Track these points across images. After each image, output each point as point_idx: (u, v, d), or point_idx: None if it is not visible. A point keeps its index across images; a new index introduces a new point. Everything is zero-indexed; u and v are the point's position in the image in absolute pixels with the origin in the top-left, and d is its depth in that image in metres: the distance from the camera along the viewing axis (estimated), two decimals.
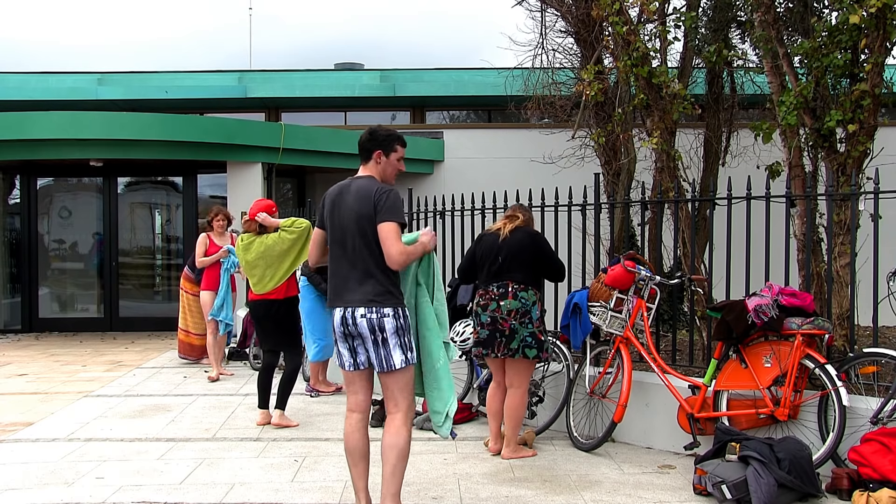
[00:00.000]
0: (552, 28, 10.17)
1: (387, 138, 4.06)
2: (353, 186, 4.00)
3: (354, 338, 3.91)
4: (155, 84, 17.10)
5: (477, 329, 5.31)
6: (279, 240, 6.15)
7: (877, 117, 5.81)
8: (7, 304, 13.03)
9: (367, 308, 3.85)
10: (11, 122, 11.02)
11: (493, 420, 5.44)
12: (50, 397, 7.45)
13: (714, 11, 8.55)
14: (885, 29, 5.52)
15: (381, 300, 3.87)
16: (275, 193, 12.43)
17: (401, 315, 3.90)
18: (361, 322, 3.85)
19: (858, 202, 5.28)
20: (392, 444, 3.88)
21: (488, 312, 5.22)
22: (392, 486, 3.89)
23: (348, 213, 3.94)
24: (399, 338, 3.87)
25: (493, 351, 5.22)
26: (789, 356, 4.70)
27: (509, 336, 5.15)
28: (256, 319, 6.45)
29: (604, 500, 4.45)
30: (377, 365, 3.90)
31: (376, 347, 3.87)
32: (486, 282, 5.31)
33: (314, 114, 17.45)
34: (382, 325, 3.84)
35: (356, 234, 3.91)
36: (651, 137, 6.85)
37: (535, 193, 6.67)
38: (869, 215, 5.03)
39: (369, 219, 3.87)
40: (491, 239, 5.35)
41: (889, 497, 4.05)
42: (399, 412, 3.93)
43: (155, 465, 5.19)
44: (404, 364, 3.89)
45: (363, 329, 3.86)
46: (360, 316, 3.86)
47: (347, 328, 3.90)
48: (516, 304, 5.17)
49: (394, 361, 3.86)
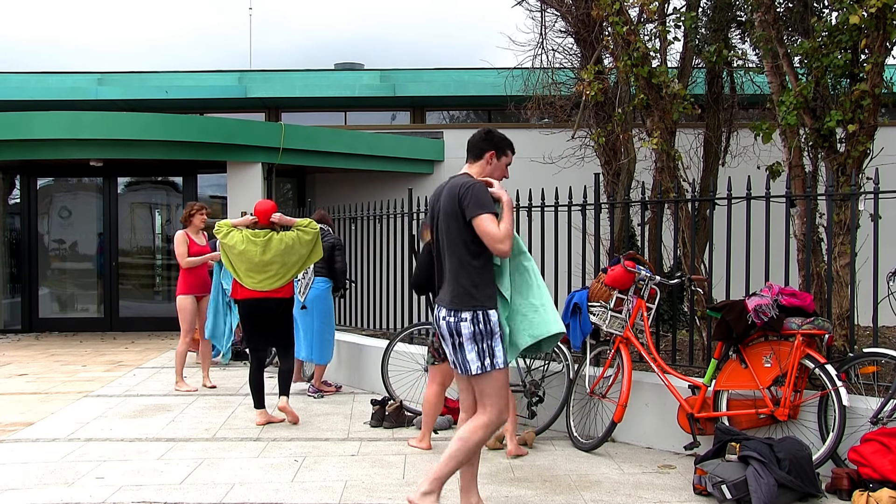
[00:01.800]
0: (552, 28, 10.18)
1: (502, 141, 4.03)
2: (448, 185, 3.97)
3: (444, 339, 3.92)
4: (155, 84, 17.10)
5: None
6: (298, 240, 6.17)
7: (877, 117, 5.81)
8: (7, 304, 13.04)
9: (448, 310, 3.83)
10: (11, 122, 11.02)
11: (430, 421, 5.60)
12: (50, 397, 7.45)
13: (714, 11, 8.56)
14: (885, 29, 5.52)
15: (460, 303, 3.79)
16: (275, 193, 12.43)
17: (480, 320, 3.76)
18: (443, 325, 3.86)
19: (858, 202, 5.28)
20: (462, 436, 3.87)
21: None
22: (440, 470, 3.87)
23: (441, 211, 3.93)
24: (476, 344, 3.77)
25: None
26: (789, 356, 4.70)
27: None
28: (256, 318, 6.22)
29: (604, 500, 4.45)
30: (456, 367, 3.89)
31: (454, 351, 3.85)
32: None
33: (314, 114, 17.45)
34: (459, 329, 3.78)
35: (444, 233, 3.89)
36: (651, 137, 6.85)
37: (535, 193, 6.67)
38: (869, 215, 5.02)
39: (454, 216, 3.80)
40: None
41: (889, 497, 4.05)
42: (485, 415, 3.86)
43: (155, 465, 5.19)
44: (480, 371, 3.78)
45: (444, 331, 3.86)
46: (442, 318, 3.86)
47: (439, 329, 3.93)
48: None
49: (469, 367, 3.80)
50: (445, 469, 3.87)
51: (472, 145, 4.02)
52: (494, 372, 3.80)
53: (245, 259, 6.08)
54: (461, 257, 3.80)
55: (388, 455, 5.37)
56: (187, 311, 7.72)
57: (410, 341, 7.26)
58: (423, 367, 6.67)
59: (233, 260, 6.13)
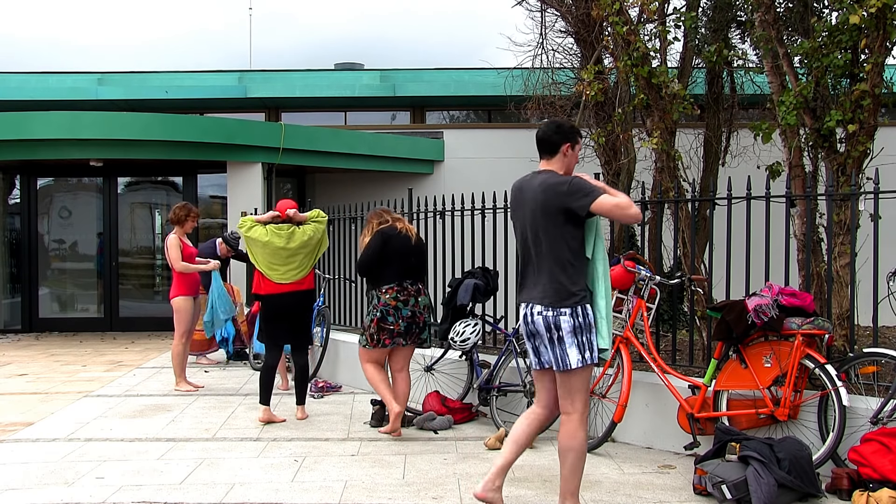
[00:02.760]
0: (552, 28, 10.18)
1: (572, 129, 4.06)
2: (535, 181, 3.98)
3: (535, 336, 3.93)
4: (155, 84, 17.10)
5: (399, 322, 5.75)
6: (315, 230, 6.40)
7: (877, 117, 5.81)
8: (7, 304, 13.04)
9: (545, 306, 3.85)
10: (11, 122, 11.02)
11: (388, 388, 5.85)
12: (50, 397, 7.45)
13: (714, 11, 8.56)
14: (885, 29, 5.52)
15: (559, 300, 3.83)
16: (275, 193, 12.43)
17: (579, 314, 3.84)
18: (538, 319, 3.87)
19: (858, 202, 5.28)
20: (569, 447, 3.93)
21: (409, 307, 5.79)
22: (571, 485, 3.95)
23: (531, 207, 3.93)
24: (576, 337, 3.83)
25: (406, 340, 5.83)
26: (789, 356, 4.70)
27: (422, 327, 5.88)
28: (279, 312, 6.32)
29: (604, 500, 4.45)
30: (553, 363, 3.91)
31: (552, 345, 3.87)
32: (399, 279, 5.79)
33: (314, 114, 17.45)
34: (559, 323, 3.83)
35: (538, 229, 3.90)
36: (651, 137, 6.85)
37: None
38: (869, 215, 5.02)
39: (554, 214, 3.84)
40: (403, 240, 5.82)
41: (889, 497, 4.05)
42: (575, 413, 3.93)
43: (155, 465, 5.19)
44: (581, 364, 3.85)
45: (539, 326, 3.87)
46: (538, 313, 3.87)
47: (528, 326, 3.94)
48: (426, 300, 5.94)
49: (569, 360, 3.84)
50: (574, 482, 3.96)
51: (546, 141, 4.05)
52: (588, 366, 3.89)
53: (270, 251, 6.23)
54: (560, 255, 3.85)
55: (388, 455, 5.37)
56: (187, 312, 7.71)
57: None
58: (424, 367, 6.68)
59: (257, 254, 6.29)
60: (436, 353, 6.72)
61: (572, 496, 3.96)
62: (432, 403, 6.29)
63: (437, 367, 6.65)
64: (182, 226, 7.81)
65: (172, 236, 7.73)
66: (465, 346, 6.19)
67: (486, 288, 6.37)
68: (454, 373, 6.67)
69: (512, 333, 6.11)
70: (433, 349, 6.92)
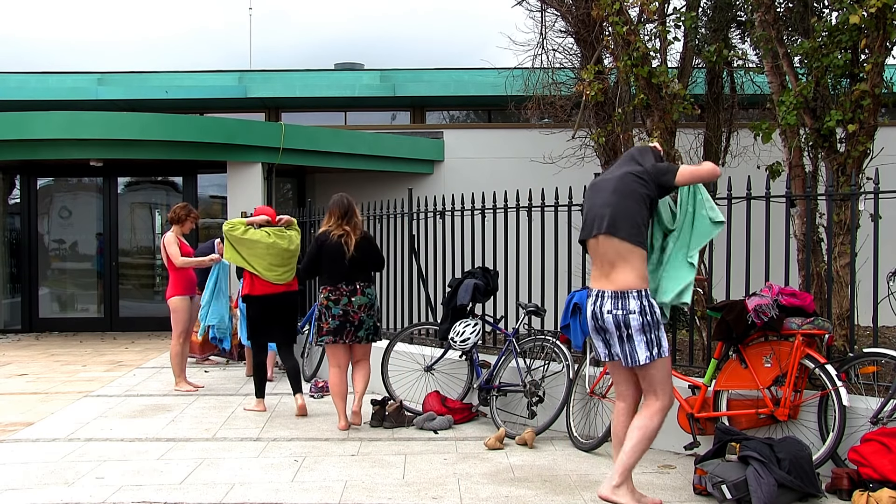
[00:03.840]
0: (552, 28, 10.19)
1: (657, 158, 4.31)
2: (610, 177, 4.15)
3: (605, 331, 4.04)
4: (155, 84, 17.09)
5: (328, 320, 6.02)
6: (298, 234, 6.74)
7: (877, 117, 5.81)
8: (7, 304, 13.04)
9: (615, 302, 3.96)
10: (11, 122, 11.01)
11: (340, 401, 6.11)
12: (50, 397, 7.45)
13: (714, 11, 8.56)
14: (885, 29, 5.52)
15: (630, 286, 3.95)
16: (275, 193, 12.43)
17: (647, 311, 3.96)
18: (608, 318, 3.98)
19: (858, 202, 5.28)
20: (641, 424, 4.04)
21: (340, 306, 6.02)
22: (627, 462, 4.03)
23: (602, 198, 4.06)
24: (645, 334, 3.95)
25: (342, 338, 6.04)
26: (789, 356, 4.70)
27: (357, 325, 6.04)
28: (274, 312, 6.55)
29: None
30: (622, 359, 4.01)
31: (621, 343, 3.99)
32: (334, 281, 6.06)
33: (314, 114, 17.44)
34: (628, 321, 3.94)
35: (604, 220, 4.02)
36: (651, 137, 6.85)
37: (535, 193, 6.67)
38: (869, 215, 5.02)
39: (634, 198, 3.99)
40: (335, 247, 6.05)
41: (889, 497, 4.05)
42: (658, 401, 4.06)
43: (155, 465, 5.19)
44: (648, 360, 3.96)
45: (609, 325, 3.98)
46: (607, 311, 3.98)
47: (597, 322, 4.05)
48: (364, 300, 6.09)
49: (638, 357, 3.96)
50: (632, 459, 4.05)
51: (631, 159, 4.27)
52: (660, 359, 3.99)
53: (273, 252, 6.44)
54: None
55: (388, 455, 5.37)
56: (184, 311, 7.70)
57: (410, 341, 7.26)
58: (424, 367, 6.68)
59: (255, 255, 6.43)
60: (436, 353, 6.72)
61: (625, 472, 4.03)
62: (432, 403, 6.29)
63: (437, 367, 6.65)
64: (181, 225, 7.81)
65: (170, 234, 7.72)
66: (465, 346, 6.19)
67: (486, 288, 6.37)
68: (454, 373, 6.67)
69: (512, 333, 6.12)
70: (433, 349, 6.93)
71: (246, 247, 6.40)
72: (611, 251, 4.03)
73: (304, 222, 8.57)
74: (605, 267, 4.07)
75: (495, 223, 6.86)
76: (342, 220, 6.14)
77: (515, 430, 5.72)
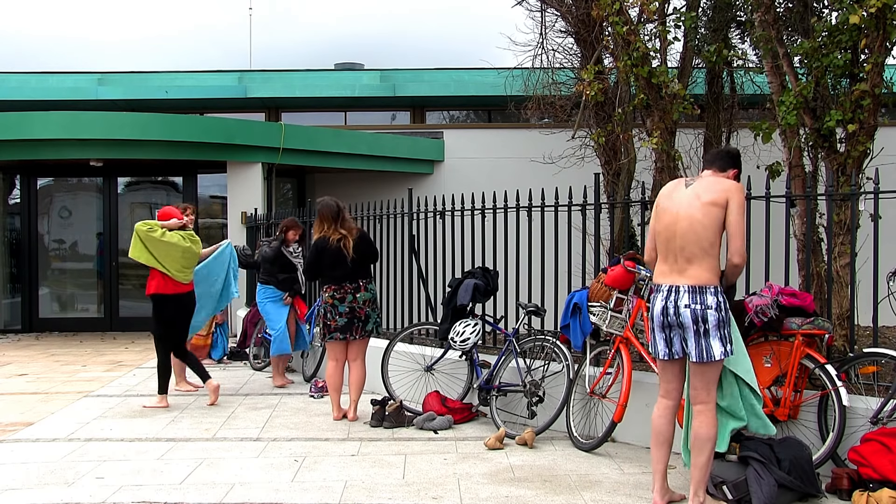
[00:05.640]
0: (552, 28, 10.19)
1: (740, 162, 4.33)
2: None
3: (672, 328, 4.05)
4: (155, 84, 17.10)
5: (335, 318, 6.24)
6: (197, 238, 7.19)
7: (877, 117, 5.81)
8: (7, 304, 13.03)
9: (693, 297, 3.98)
10: (11, 122, 11.02)
11: (335, 393, 6.38)
12: (50, 397, 7.45)
13: (714, 11, 8.57)
14: (885, 29, 5.52)
15: (707, 282, 3.98)
16: (275, 193, 12.44)
17: (722, 308, 3.99)
18: (685, 312, 3.98)
19: (858, 202, 5.28)
20: (709, 436, 4.06)
21: (346, 304, 6.23)
22: (705, 474, 4.09)
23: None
24: (720, 330, 3.98)
25: (352, 334, 6.27)
26: (789, 356, 4.71)
27: (364, 320, 6.28)
28: (184, 311, 7.04)
29: (604, 500, 4.45)
30: (696, 355, 4.01)
31: (697, 338, 3.99)
32: (338, 280, 6.25)
33: (314, 114, 17.45)
34: (706, 317, 3.96)
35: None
36: (651, 137, 6.85)
37: (535, 193, 6.67)
38: (869, 215, 5.02)
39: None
40: (334, 250, 6.23)
41: (889, 497, 4.05)
42: (708, 405, 4.08)
43: (155, 465, 5.19)
44: (723, 356, 4.00)
45: (686, 319, 3.98)
46: (684, 306, 3.98)
47: (668, 318, 4.04)
48: (368, 295, 6.33)
49: (713, 353, 3.97)
50: (707, 472, 4.10)
51: (721, 157, 4.31)
52: (724, 358, 4.03)
53: (187, 256, 6.87)
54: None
55: (388, 455, 5.37)
56: None
57: (410, 341, 7.26)
58: (424, 367, 6.68)
59: (170, 256, 6.79)
60: (436, 353, 6.72)
61: (701, 485, 4.06)
62: (432, 403, 6.29)
63: (437, 367, 6.65)
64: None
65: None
66: (465, 346, 6.19)
67: (486, 288, 6.38)
68: (454, 373, 6.67)
69: (512, 333, 6.12)
70: (433, 349, 6.93)
71: (162, 249, 6.77)
72: (693, 245, 4.03)
73: (304, 222, 8.56)
74: (681, 262, 4.06)
75: (495, 223, 6.85)
76: (335, 223, 6.30)
77: (515, 430, 5.72)
